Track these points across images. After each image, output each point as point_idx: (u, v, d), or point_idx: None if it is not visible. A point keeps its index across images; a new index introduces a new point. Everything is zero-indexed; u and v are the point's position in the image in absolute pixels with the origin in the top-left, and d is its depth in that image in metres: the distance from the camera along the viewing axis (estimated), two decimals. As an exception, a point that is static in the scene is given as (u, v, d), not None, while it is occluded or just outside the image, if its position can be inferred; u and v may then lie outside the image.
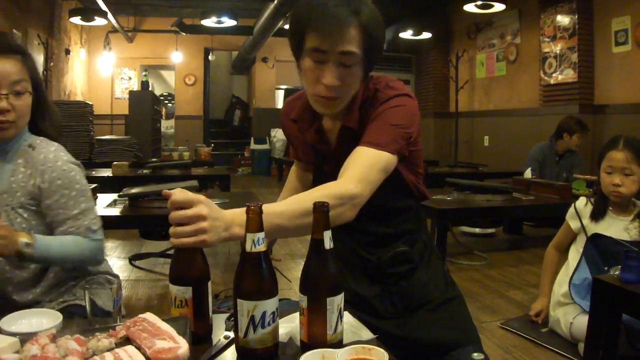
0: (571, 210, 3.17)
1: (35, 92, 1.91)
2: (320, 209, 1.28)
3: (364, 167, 1.54)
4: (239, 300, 1.25)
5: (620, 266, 2.24)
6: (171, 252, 4.62)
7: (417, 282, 1.84)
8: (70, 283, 1.99)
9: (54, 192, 1.87)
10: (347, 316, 1.48)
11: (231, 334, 1.37)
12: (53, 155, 1.90)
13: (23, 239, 1.75)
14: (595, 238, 2.90)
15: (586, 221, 3.05)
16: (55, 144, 1.96)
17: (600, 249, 2.87)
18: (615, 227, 2.91)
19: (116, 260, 5.09)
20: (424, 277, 1.85)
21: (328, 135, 1.79)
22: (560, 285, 3.12)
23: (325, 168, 1.81)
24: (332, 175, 1.62)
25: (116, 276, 2.15)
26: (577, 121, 5.76)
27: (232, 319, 1.38)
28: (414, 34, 9.30)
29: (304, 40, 1.55)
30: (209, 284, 1.40)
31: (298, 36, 1.57)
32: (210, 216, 1.26)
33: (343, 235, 1.82)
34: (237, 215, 1.30)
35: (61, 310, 1.58)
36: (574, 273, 2.96)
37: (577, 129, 5.66)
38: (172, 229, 1.26)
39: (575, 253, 3.10)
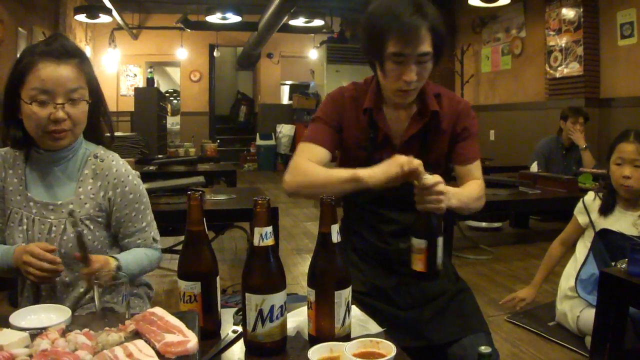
0: (579, 205, 3.14)
1: (92, 97, 1.83)
2: (328, 202, 1.29)
3: (481, 178, 2.00)
4: (247, 295, 1.26)
5: (627, 259, 2.24)
6: (179, 247, 4.63)
7: None
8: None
9: (126, 206, 1.88)
10: (355, 310, 1.49)
11: (239, 329, 1.37)
12: (124, 168, 1.90)
13: (114, 262, 1.76)
14: (603, 233, 2.88)
15: (594, 216, 3.03)
16: (116, 154, 1.94)
17: (608, 244, 2.84)
18: (624, 222, 2.89)
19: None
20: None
21: (393, 122, 1.96)
22: (567, 280, 3.11)
23: (375, 155, 1.89)
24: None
25: (151, 288, 2.18)
26: (571, 107, 5.74)
27: (241, 313, 1.39)
28: (419, 29, 9.23)
29: (385, 47, 1.76)
30: (218, 279, 1.41)
31: (378, 44, 1.77)
32: (447, 192, 1.66)
33: (363, 228, 1.95)
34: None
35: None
36: (581, 268, 2.94)
37: (569, 114, 5.61)
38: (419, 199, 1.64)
39: (583, 248, 3.08)
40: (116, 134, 8.32)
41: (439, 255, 1.63)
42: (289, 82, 15.77)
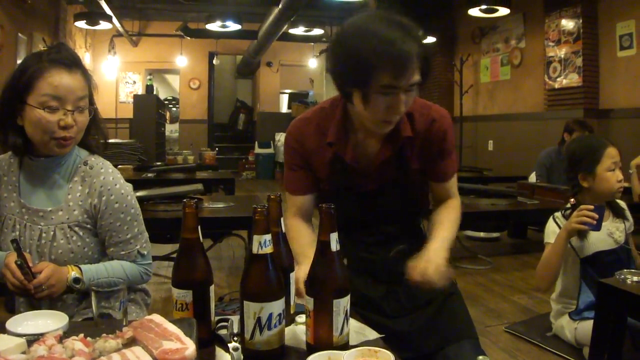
0: (556, 230, 2.81)
1: (90, 105, 1.86)
2: (327, 211, 1.29)
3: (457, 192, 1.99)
4: (245, 302, 1.26)
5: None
6: (175, 255, 4.62)
7: None
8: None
9: (110, 215, 1.86)
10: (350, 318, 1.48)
11: (238, 345, 1.34)
12: (112, 177, 1.89)
13: (72, 274, 1.76)
14: (590, 259, 2.75)
15: (574, 241, 2.78)
16: (108, 162, 1.95)
17: (597, 267, 2.75)
18: (601, 237, 2.75)
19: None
20: None
21: (363, 149, 1.84)
22: (558, 303, 3.05)
23: (344, 183, 1.86)
24: (368, 192, 1.85)
25: (148, 294, 2.17)
26: (576, 120, 5.70)
27: (221, 323, 1.42)
28: (419, 38, 9.27)
29: (373, 78, 1.56)
30: (212, 288, 1.40)
31: (364, 74, 1.56)
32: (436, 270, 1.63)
33: (348, 239, 1.87)
34: None
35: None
36: (578, 300, 2.83)
37: (575, 127, 5.46)
38: None
39: (568, 274, 2.94)
40: (115, 140, 8.38)
41: None
42: (288, 91, 15.79)
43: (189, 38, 12.71)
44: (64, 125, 1.73)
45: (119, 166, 6.27)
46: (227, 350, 1.30)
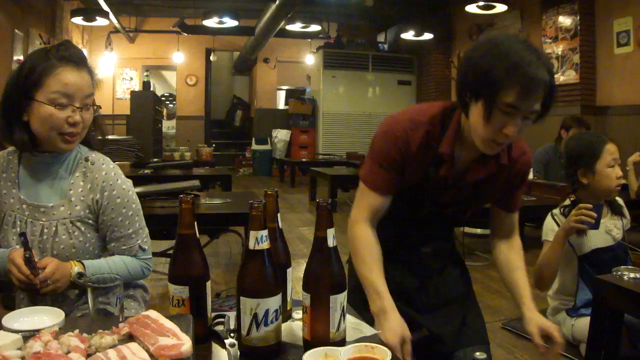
0: (555, 229, 2.87)
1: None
2: (324, 207, 1.28)
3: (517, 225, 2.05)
4: (242, 298, 1.26)
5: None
6: (172, 251, 4.61)
7: (448, 278, 1.99)
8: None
9: (112, 210, 1.88)
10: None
11: (235, 342, 1.34)
12: (114, 172, 1.91)
13: (75, 269, 1.76)
14: (588, 257, 2.77)
15: (572, 238, 2.79)
16: (108, 158, 1.96)
17: (595, 264, 2.74)
18: (599, 234, 2.76)
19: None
20: (455, 273, 2.02)
21: (461, 165, 1.82)
22: (555, 299, 3.05)
23: (439, 192, 1.85)
24: (440, 203, 1.86)
25: (147, 291, 2.17)
26: (573, 117, 5.72)
27: (218, 319, 1.42)
28: (416, 35, 9.28)
29: (499, 95, 1.55)
30: (208, 284, 1.40)
31: (491, 89, 1.56)
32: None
33: (393, 232, 1.93)
34: None
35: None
36: (575, 297, 2.83)
37: (572, 124, 5.55)
38: None
39: (566, 271, 2.94)
40: (112, 137, 8.35)
41: None
42: (285, 87, 15.77)
43: (185, 34, 12.68)
44: (73, 122, 1.75)
45: (116, 163, 6.24)
46: (223, 346, 1.30)
